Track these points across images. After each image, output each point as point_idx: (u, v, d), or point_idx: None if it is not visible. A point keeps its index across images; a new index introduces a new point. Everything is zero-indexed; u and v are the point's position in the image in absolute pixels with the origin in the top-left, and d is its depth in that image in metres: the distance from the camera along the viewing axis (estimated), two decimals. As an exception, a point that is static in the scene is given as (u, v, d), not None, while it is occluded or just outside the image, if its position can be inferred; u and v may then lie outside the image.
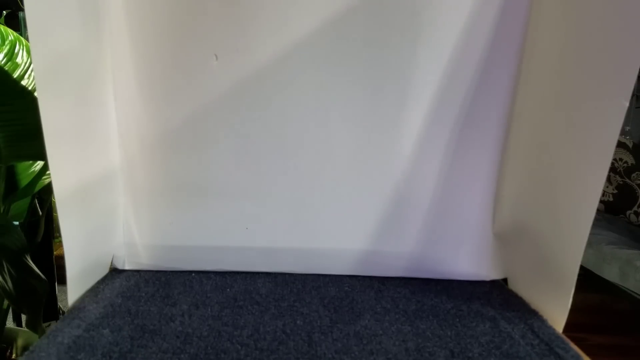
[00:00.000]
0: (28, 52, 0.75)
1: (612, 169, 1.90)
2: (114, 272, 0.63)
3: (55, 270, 1.03)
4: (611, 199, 1.92)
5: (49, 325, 0.95)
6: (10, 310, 0.90)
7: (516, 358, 0.45)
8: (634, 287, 1.39)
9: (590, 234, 0.47)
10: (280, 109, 0.60)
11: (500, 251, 0.64)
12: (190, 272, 0.64)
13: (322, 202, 0.63)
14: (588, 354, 0.46)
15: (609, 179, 1.93)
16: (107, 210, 0.61)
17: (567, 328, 0.50)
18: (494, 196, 0.63)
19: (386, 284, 0.62)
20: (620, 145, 1.88)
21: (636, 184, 1.83)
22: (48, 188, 0.84)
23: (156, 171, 0.62)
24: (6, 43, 0.73)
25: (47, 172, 0.79)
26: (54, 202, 0.54)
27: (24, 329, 0.89)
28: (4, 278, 0.67)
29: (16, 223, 0.85)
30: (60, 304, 1.08)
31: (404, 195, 0.62)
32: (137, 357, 0.43)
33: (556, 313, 0.52)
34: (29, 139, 0.70)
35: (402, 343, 0.47)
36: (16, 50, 0.74)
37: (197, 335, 0.47)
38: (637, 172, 1.83)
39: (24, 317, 0.91)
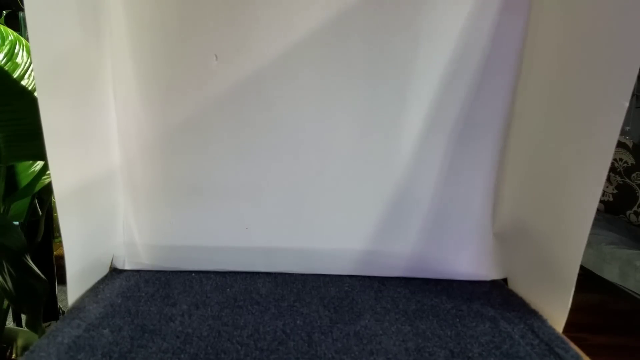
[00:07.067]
0: (28, 52, 0.75)
1: (612, 169, 1.89)
2: (114, 272, 0.63)
3: (55, 270, 1.03)
4: (611, 199, 1.92)
5: (49, 325, 0.95)
6: (10, 310, 0.90)
7: (516, 358, 0.45)
8: (634, 287, 1.39)
9: (590, 234, 0.47)
10: (280, 109, 0.60)
11: (500, 251, 0.64)
12: (190, 272, 0.64)
13: (322, 202, 0.63)
14: (588, 354, 0.46)
15: (609, 179, 1.93)
16: (107, 210, 0.61)
17: (567, 328, 0.50)
18: (494, 196, 0.63)
19: (386, 284, 0.62)
20: (620, 145, 1.88)
21: (636, 184, 1.83)
22: (48, 188, 0.84)
23: (156, 171, 0.62)
24: (6, 43, 0.74)
25: (47, 172, 0.79)
26: (54, 202, 0.54)
27: (24, 329, 0.89)
28: (4, 278, 0.67)
29: (16, 223, 0.85)
30: (60, 304, 1.08)
31: (404, 196, 0.62)
32: (137, 357, 0.43)
33: (556, 313, 0.52)
34: (29, 139, 0.70)
35: (402, 343, 0.47)
36: (16, 50, 0.74)
37: (197, 335, 0.47)
38: (637, 172, 1.83)
39: (24, 317, 0.91)
